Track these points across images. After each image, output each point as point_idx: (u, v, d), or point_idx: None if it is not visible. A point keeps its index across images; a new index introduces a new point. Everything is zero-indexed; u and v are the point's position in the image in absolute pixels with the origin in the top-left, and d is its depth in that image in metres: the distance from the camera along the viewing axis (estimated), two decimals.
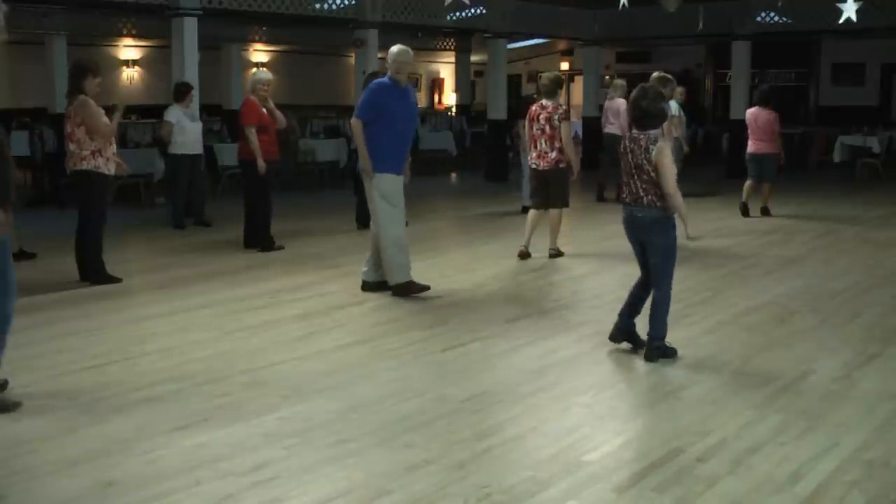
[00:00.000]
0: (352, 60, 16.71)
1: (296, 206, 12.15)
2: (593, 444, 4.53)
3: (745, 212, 12.49)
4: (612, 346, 6.23)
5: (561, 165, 9.31)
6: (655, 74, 10.64)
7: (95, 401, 5.11)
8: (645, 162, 5.74)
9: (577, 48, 23.05)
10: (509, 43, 18.97)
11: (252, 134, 9.71)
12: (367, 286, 7.91)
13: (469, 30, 18.41)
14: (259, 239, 9.96)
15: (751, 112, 12.42)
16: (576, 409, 5.07)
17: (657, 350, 5.87)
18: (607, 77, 23.02)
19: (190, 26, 12.65)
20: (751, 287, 8.21)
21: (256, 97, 9.88)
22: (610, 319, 6.94)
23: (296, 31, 18.87)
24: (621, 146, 6.02)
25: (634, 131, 5.89)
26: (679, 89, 12.61)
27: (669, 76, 10.73)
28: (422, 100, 25.76)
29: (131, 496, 3.92)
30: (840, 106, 21.89)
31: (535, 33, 20.67)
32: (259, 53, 21.86)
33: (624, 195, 6.04)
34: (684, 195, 5.94)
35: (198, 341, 6.35)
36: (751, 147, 12.41)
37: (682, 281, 8.40)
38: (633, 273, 8.83)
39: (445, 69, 25.97)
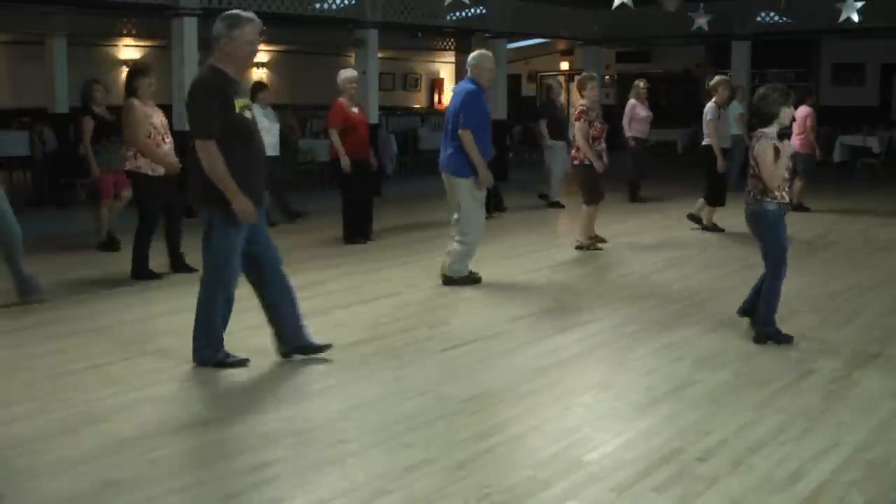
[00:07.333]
0: (352, 60, 16.69)
1: (295, 206, 12.14)
2: (594, 444, 4.52)
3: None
4: (613, 345, 6.27)
5: (575, 163, 9.83)
6: (717, 78, 11.10)
7: (95, 400, 5.11)
8: (752, 158, 6.20)
9: (577, 48, 23.04)
10: (509, 43, 18.96)
11: (334, 135, 10.04)
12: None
13: (469, 30, 18.39)
14: (347, 230, 10.34)
15: None
16: (576, 409, 5.07)
17: (762, 333, 6.30)
18: (607, 77, 23.03)
19: (190, 26, 12.64)
20: (751, 287, 8.17)
21: (346, 97, 10.12)
22: (610, 319, 6.97)
23: (296, 31, 18.84)
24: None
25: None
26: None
27: (727, 78, 11.42)
28: (422, 100, 25.77)
29: (131, 496, 3.92)
30: (840, 106, 21.87)
31: (535, 33, 20.66)
32: (259, 53, 21.82)
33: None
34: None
35: None
36: None
37: (682, 281, 8.42)
38: (632, 273, 8.91)
39: (445, 69, 25.93)
